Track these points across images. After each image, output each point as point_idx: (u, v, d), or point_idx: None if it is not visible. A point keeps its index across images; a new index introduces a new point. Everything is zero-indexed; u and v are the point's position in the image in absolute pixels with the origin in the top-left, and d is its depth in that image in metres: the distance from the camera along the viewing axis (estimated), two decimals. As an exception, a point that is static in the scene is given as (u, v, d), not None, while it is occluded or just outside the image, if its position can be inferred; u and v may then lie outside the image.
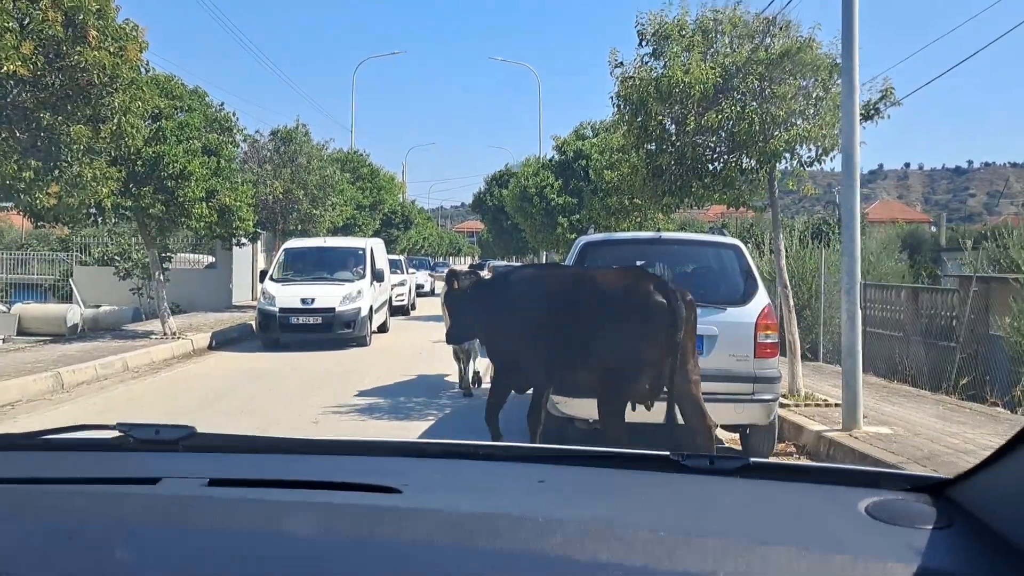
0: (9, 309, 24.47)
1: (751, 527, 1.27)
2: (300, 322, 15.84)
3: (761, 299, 6.88)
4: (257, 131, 25.05)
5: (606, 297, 5.64)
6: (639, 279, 5.70)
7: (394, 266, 25.16)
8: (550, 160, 25.39)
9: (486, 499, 1.43)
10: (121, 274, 22.23)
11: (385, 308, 19.26)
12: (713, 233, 7.63)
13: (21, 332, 22.23)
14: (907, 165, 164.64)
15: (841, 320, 7.53)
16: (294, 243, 19.04)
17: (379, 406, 9.88)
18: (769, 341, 6.78)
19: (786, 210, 32.74)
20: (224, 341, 16.73)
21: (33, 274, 31.39)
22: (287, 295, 16.00)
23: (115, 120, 9.92)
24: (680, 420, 5.48)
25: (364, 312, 16.20)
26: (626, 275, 5.80)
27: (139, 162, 14.91)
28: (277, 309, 15.77)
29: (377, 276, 17.57)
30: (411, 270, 28.69)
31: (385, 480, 1.40)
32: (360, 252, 17.92)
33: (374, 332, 17.53)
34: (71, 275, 27.62)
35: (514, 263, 39.63)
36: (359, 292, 16.34)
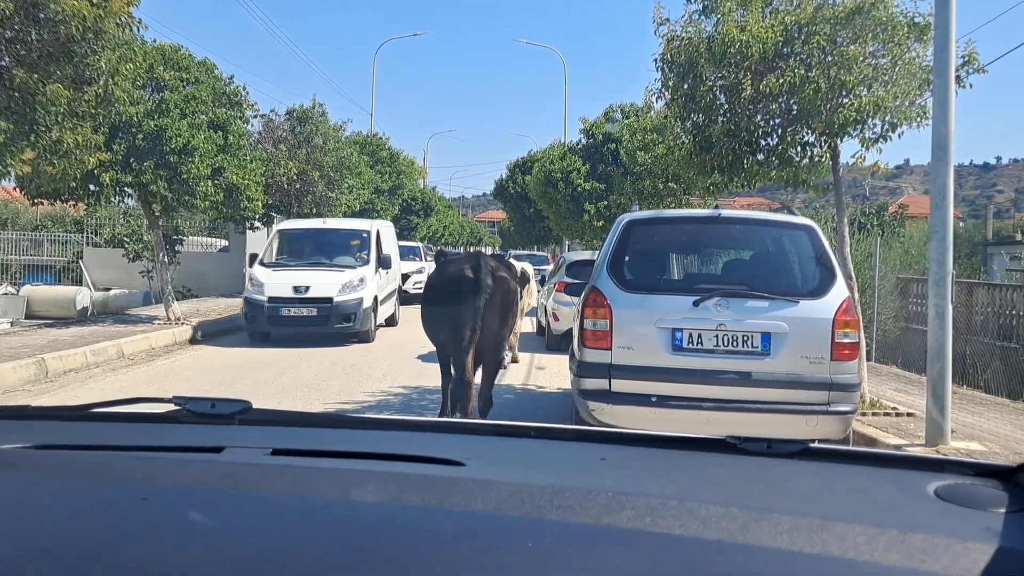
0: (18, 291, 23.81)
1: (820, 506, 1.23)
2: (292, 314, 13.83)
3: (839, 290, 5.78)
4: (272, 110, 24.10)
5: (447, 276, 7.01)
6: (466, 260, 6.94)
7: (412, 253, 23.98)
8: (577, 143, 24.22)
9: (550, 474, 1.39)
10: (131, 256, 21.45)
11: (394, 299, 17.13)
12: (780, 213, 6.50)
13: (30, 315, 21.55)
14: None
15: (928, 316, 6.41)
16: (289, 224, 16.94)
17: (387, 407, 8.87)
18: (848, 341, 5.69)
19: (810, 204, 31.36)
20: (215, 332, 15.23)
21: (47, 255, 30.75)
22: (277, 282, 14.06)
23: (101, 82, 8.91)
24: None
25: (367, 303, 14.15)
26: (463, 258, 7.17)
27: (140, 135, 14.06)
28: (265, 298, 13.80)
29: (384, 263, 15.49)
30: (430, 257, 27.48)
31: (446, 454, 1.40)
32: (365, 235, 15.69)
33: (381, 326, 15.69)
34: (81, 257, 26.92)
35: (536, 254, 38.55)
36: (361, 280, 14.32)
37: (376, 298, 14.70)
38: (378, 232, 16.01)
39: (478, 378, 7.02)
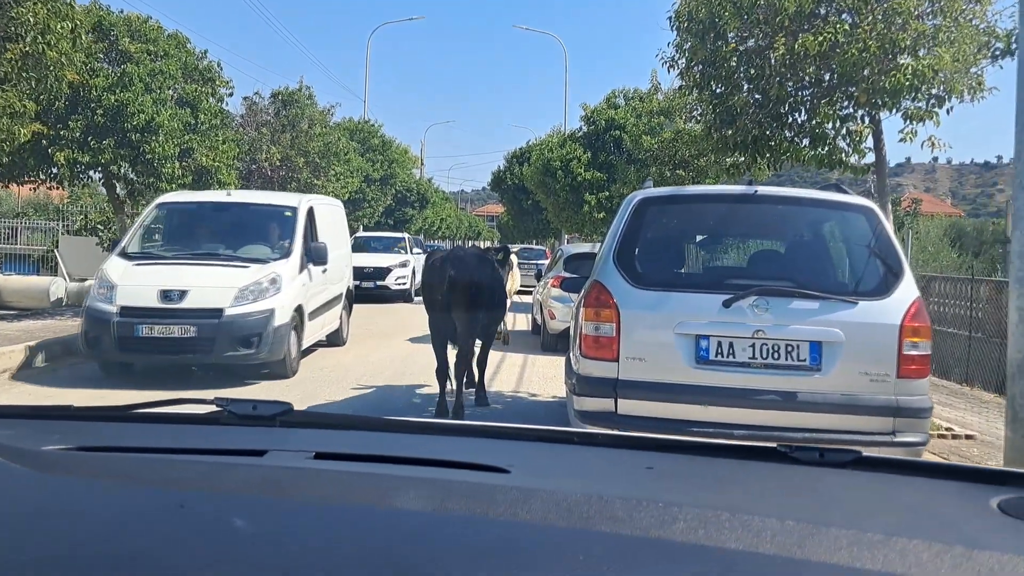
0: (-12, 281, 22.71)
1: (879, 520, 1.17)
2: (155, 334, 8.66)
3: (908, 289, 4.57)
4: (256, 92, 22.89)
5: (427, 267, 7.77)
6: (445, 254, 7.70)
7: (396, 244, 21.99)
8: (577, 131, 22.98)
9: (596, 483, 1.37)
10: (105, 244, 20.32)
11: (338, 308, 12.12)
12: (828, 190, 5.26)
13: (1, 305, 20.49)
14: (935, 159, 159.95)
15: (1009, 322, 5.19)
16: (173, 197, 11.26)
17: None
18: (918, 353, 4.49)
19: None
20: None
21: (26, 244, 29.77)
22: (138, 284, 8.96)
23: (28, 39, 7.70)
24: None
25: (282, 317, 9.11)
26: (444, 252, 7.91)
27: (99, 111, 12.89)
28: (115, 309, 8.69)
29: (314, 255, 10.26)
30: (416, 250, 23.30)
31: (489, 460, 1.38)
32: (287, 215, 10.40)
33: (321, 344, 11.49)
34: (57, 245, 25.85)
35: (533, 247, 37.40)
36: (273, 281, 9.22)
37: (300, 309, 9.76)
38: (310, 212, 10.79)
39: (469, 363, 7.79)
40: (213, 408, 1.68)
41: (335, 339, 12.12)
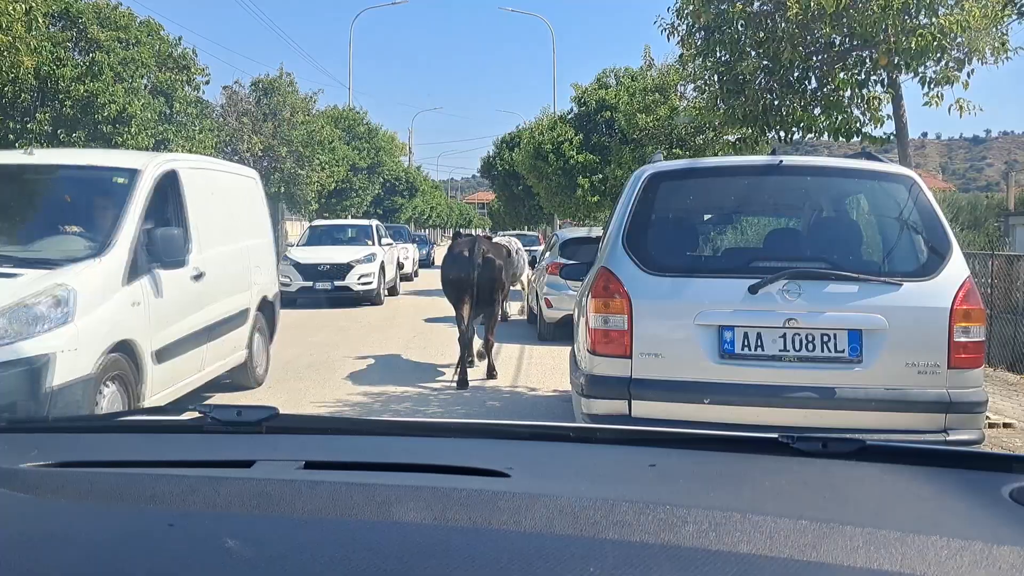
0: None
1: (893, 516, 1.15)
2: None
3: (957, 267, 4.07)
4: (236, 81, 22.23)
5: (451, 254, 8.68)
6: (468, 242, 8.57)
7: (364, 235, 18.50)
8: (568, 112, 22.36)
9: (599, 484, 1.32)
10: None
11: (242, 331, 7.68)
12: (860, 159, 4.72)
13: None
14: (924, 135, 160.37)
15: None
16: None
17: None
18: (971, 339, 3.98)
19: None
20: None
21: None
22: None
23: (-27, 20, 7.11)
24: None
25: (73, 368, 4.85)
26: (466, 240, 8.73)
27: (68, 102, 12.29)
28: None
29: (162, 251, 5.86)
30: (387, 240, 19.15)
31: (487, 463, 1.34)
32: (119, 184, 6.01)
33: (223, 383, 7.56)
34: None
35: (527, 233, 36.88)
36: (59, 302, 4.93)
37: (130, 346, 5.52)
38: (168, 179, 6.42)
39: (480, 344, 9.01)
40: (195, 415, 1.63)
41: (241, 378, 7.87)
